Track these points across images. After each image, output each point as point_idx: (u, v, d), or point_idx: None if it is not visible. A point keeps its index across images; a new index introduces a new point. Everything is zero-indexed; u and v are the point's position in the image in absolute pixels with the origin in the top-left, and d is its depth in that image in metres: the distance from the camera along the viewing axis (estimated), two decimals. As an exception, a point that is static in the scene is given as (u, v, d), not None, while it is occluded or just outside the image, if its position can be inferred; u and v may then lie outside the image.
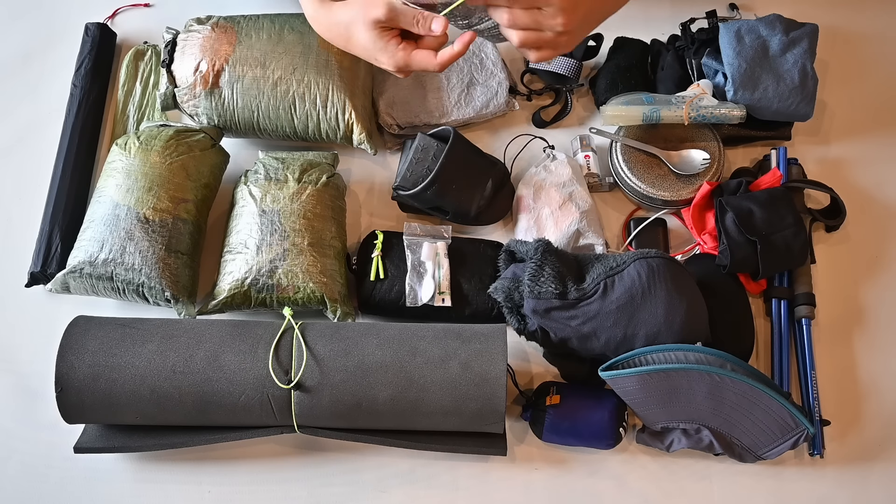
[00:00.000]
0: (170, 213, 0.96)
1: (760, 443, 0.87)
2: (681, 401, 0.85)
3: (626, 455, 0.94)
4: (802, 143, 1.09)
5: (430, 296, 0.96)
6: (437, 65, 0.83)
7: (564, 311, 0.87)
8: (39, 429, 0.96)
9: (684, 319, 0.86)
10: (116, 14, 1.20)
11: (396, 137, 1.09)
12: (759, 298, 1.01)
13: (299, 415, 0.86)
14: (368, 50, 0.85)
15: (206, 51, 1.01)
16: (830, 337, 0.99)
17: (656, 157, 1.03)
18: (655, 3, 1.18)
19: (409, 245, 0.99)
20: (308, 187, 0.98)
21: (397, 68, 0.84)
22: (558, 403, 0.90)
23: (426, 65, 0.83)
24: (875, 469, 0.93)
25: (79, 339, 0.86)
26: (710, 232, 0.99)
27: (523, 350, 0.99)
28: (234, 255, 0.96)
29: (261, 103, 1.01)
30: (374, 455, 0.94)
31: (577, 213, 1.00)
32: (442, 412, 0.85)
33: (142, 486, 0.93)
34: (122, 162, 0.98)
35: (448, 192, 0.99)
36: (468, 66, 1.09)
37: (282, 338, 0.87)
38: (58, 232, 1.02)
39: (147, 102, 1.13)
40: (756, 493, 0.92)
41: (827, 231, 1.04)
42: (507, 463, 0.93)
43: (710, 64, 1.06)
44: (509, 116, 1.12)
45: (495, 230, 1.06)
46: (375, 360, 0.85)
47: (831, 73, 1.13)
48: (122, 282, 0.94)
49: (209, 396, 0.85)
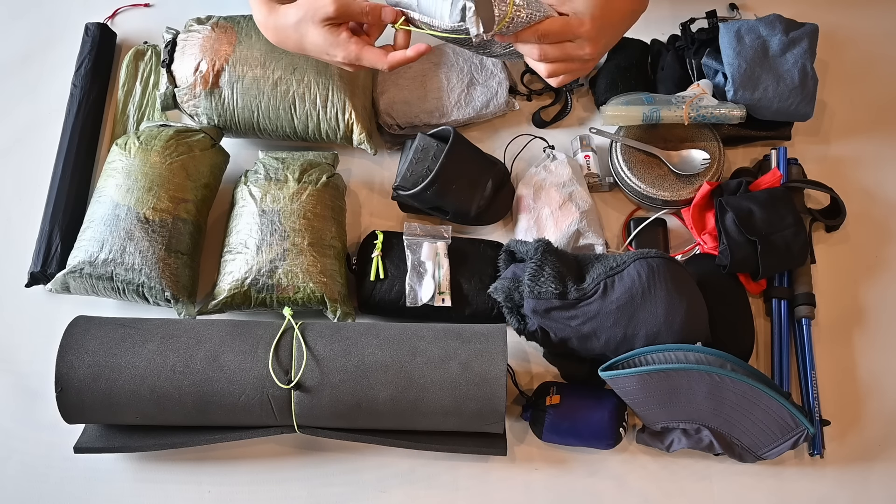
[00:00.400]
0: (170, 213, 0.96)
1: (760, 443, 0.87)
2: (681, 401, 0.85)
3: (626, 455, 0.94)
4: (802, 143, 1.09)
5: (430, 296, 0.96)
6: (386, 64, 0.85)
7: (564, 311, 0.87)
8: (39, 429, 0.96)
9: (684, 319, 0.86)
10: (116, 14, 1.20)
11: (396, 137, 1.09)
12: (759, 298, 1.01)
13: (299, 415, 0.86)
14: (321, 46, 0.86)
15: (206, 51, 1.01)
16: (830, 337, 0.99)
17: (656, 157, 1.03)
18: (655, 3, 1.18)
19: (409, 245, 0.99)
20: (308, 187, 0.98)
21: (348, 61, 0.86)
22: (558, 403, 0.90)
23: (376, 62, 0.85)
24: (875, 469, 0.93)
25: (79, 339, 0.86)
26: (710, 232, 0.99)
27: (523, 350, 0.99)
28: (234, 255, 0.96)
29: (261, 103, 1.01)
30: (374, 455, 0.94)
31: (577, 213, 1.00)
32: (442, 412, 0.85)
33: (142, 486, 0.93)
34: (122, 162, 0.98)
35: (448, 192, 0.99)
36: (468, 66, 1.09)
37: (282, 338, 0.87)
38: (58, 232, 1.02)
39: (147, 102, 1.13)
40: (756, 493, 0.92)
41: (827, 231, 1.04)
42: (507, 463, 0.93)
43: (710, 64, 1.06)
44: (509, 116, 1.12)
45: (495, 230, 1.06)
46: (375, 360, 0.85)
47: (831, 73, 1.13)
48: (122, 282, 0.94)
49: (209, 396, 0.85)
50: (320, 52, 0.87)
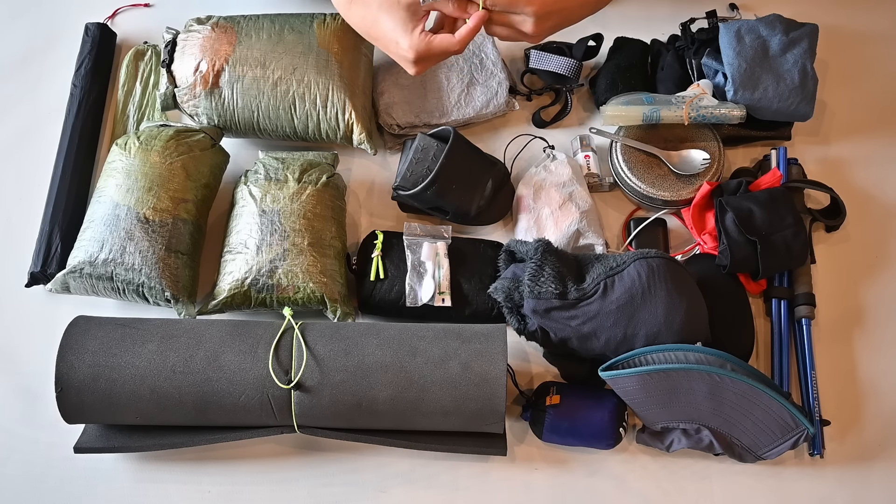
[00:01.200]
0: (170, 213, 0.96)
1: (760, 443, 0.87)
2: (681, 401, 0.85)
3: (626, 455, 0.94)
4: (802, 143, 1.09)
5: (430, 296, 0.96)
6: (456, 42, 0.85)
7: (564, 311, 0.87)
8: (39, 429, 0.96)
9: (684, 319, 0.86)
10: (116, 14, 1.20)
11: (396, 137, 1.09)
12: (759, 298, 1.01)
13: (299, 415, 0.86)
14: (391, 32, 0.86)
15: (206, 51, 1.01)
16: (830, 337, 0.99)
17: (656, 157, 1.03)
18: (655, 3, 1.18)
19: (409, 245, 0.99)
20: (308, 187, 0.98)
21: (417, 54, 0.86)
22: (558, 403, 0.90)
23: (447, 45, 0.85)
24: (875, 469, 0.93)
25: (79, 339, 0.86)
26: (710, 232, 0.99)
27: (523, 350, 0.99)
28: (234, 255, 0.96)
29: (261, 103, 1.01)
30: (374, 455, 0.94)
31: (577, 213, 1.00)
32: (442, 412, 0.85)
33: (142, 486, 0.93)
34: (122, 162, 0.98)
35: (448, 192, 0.99)
36: (468, 66, 1.09)
37: (282, 338, 0.87)
38: (58, 232, 1.02)
39: (147, 102, 1.13)
40: (756, 493, 0.92)
41: (827, 231, 1.04)
42: (507, 463, 0.93)
43: (710, 64, 1.06)
44: (509, 116, 1.12)
45: (495, 230, 1.06)
46: (375, 360, 0.85)
47: (831, 73, 1.13)
48: (122, 282, 0.94)
49: (209, 396, 0.85)
50: (389, 38, 0.87)
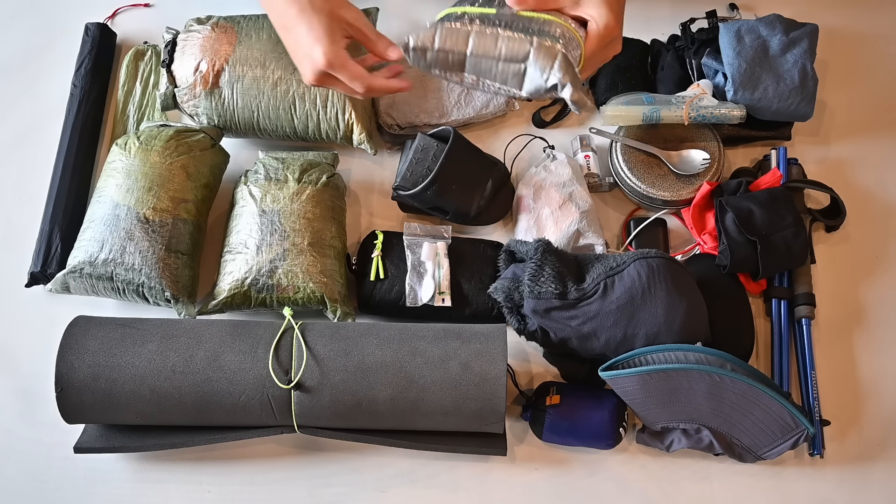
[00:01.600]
0: (170, 213, 0.96)
1: (760, 443, 0.87)
2: (681, 401, 0.85)
3: (626, 455, 0.94)
4: (802, 143, 1.09)
5: (430, 296, 0.96)
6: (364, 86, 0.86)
7: (564, 311, 0.87)
8: (39, 429, 0.96)
9: (684, 319, 0.86)
10: (116, 14, 1.20)
11: (396, 137, 1.09)
12: (759, 298, 1.01)
13: (299, 415, 0.86)
14: (313, 33, 0.85)
15: (206, 51, 1.01)
16: (830, 337, 0.99)
17: (656, 157, 1.03)
18: (655, 3, 1.18)
19: (409, 245, 0.99)
20: (308, 187, 0.98)
21: (329, 63, 0.85)
22: (558, 403, 0.90)
23: (358, 74, 0.86)
24: (875, 469, 0.93)
25: (79, 339, 0.86)
26: (710, 232, 0.99)
27: (523, 350, 0.99)
28: (234, 255, 0.96)
29: (261, 103, 1.01)
30: (374, 455, 0.94)
31: (577, 213, 1.00)
32: (442, 412, 0.85)
33: (142, 486, 0.93)
34: (122, 162, 0.98)
35: (448, 192, 0.99)
36: (468, 66, 1.09)
37: (282, 338, 0.87)
38: (58, 232, 1.02)
39: (147, 102, 1.13)
40: (756, 493, 0.92)
41: (827, 231, 1.04)
42: (507, 463, 0.93)
43: (710, 64, 1.06)
44: (509, 116, 1.12)
45: (495, 230, 1.06)
46: (375, 360, 0.85)
47: (831, 73, 1.13)
48: (122, 282, 0.94)
49: (209, 396, 0.85)
50: (307, 40, 0.85)
